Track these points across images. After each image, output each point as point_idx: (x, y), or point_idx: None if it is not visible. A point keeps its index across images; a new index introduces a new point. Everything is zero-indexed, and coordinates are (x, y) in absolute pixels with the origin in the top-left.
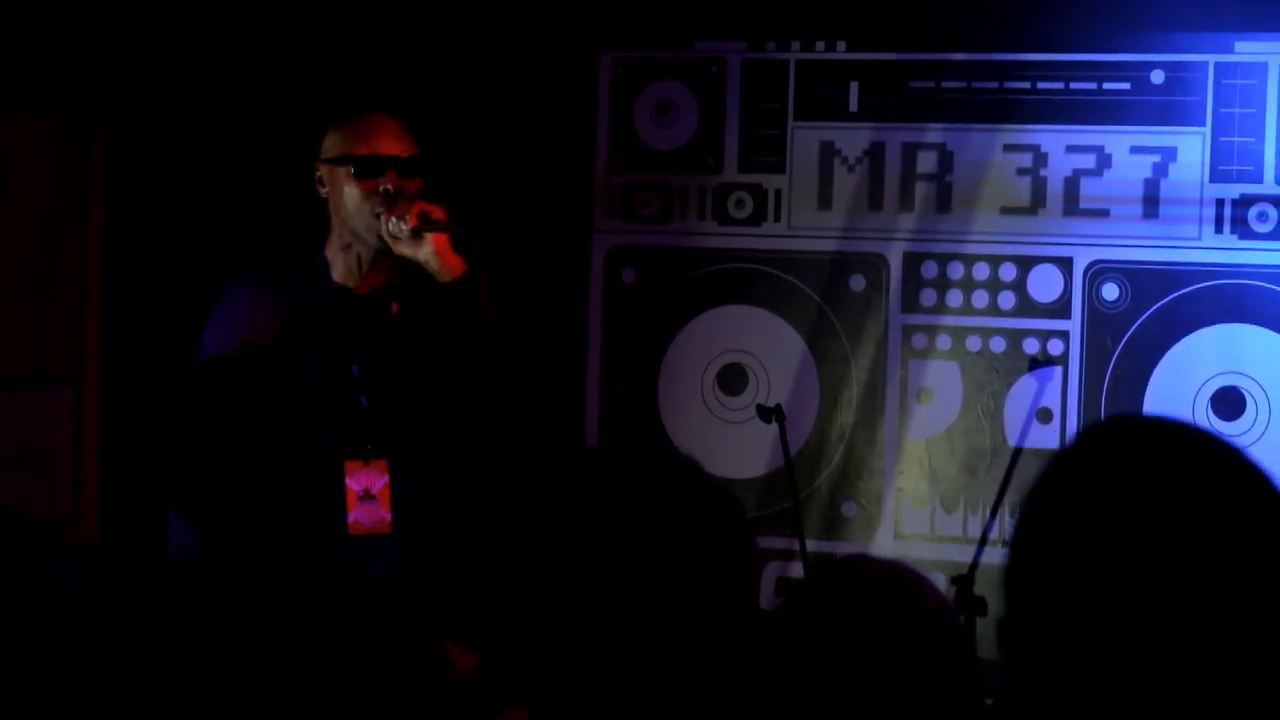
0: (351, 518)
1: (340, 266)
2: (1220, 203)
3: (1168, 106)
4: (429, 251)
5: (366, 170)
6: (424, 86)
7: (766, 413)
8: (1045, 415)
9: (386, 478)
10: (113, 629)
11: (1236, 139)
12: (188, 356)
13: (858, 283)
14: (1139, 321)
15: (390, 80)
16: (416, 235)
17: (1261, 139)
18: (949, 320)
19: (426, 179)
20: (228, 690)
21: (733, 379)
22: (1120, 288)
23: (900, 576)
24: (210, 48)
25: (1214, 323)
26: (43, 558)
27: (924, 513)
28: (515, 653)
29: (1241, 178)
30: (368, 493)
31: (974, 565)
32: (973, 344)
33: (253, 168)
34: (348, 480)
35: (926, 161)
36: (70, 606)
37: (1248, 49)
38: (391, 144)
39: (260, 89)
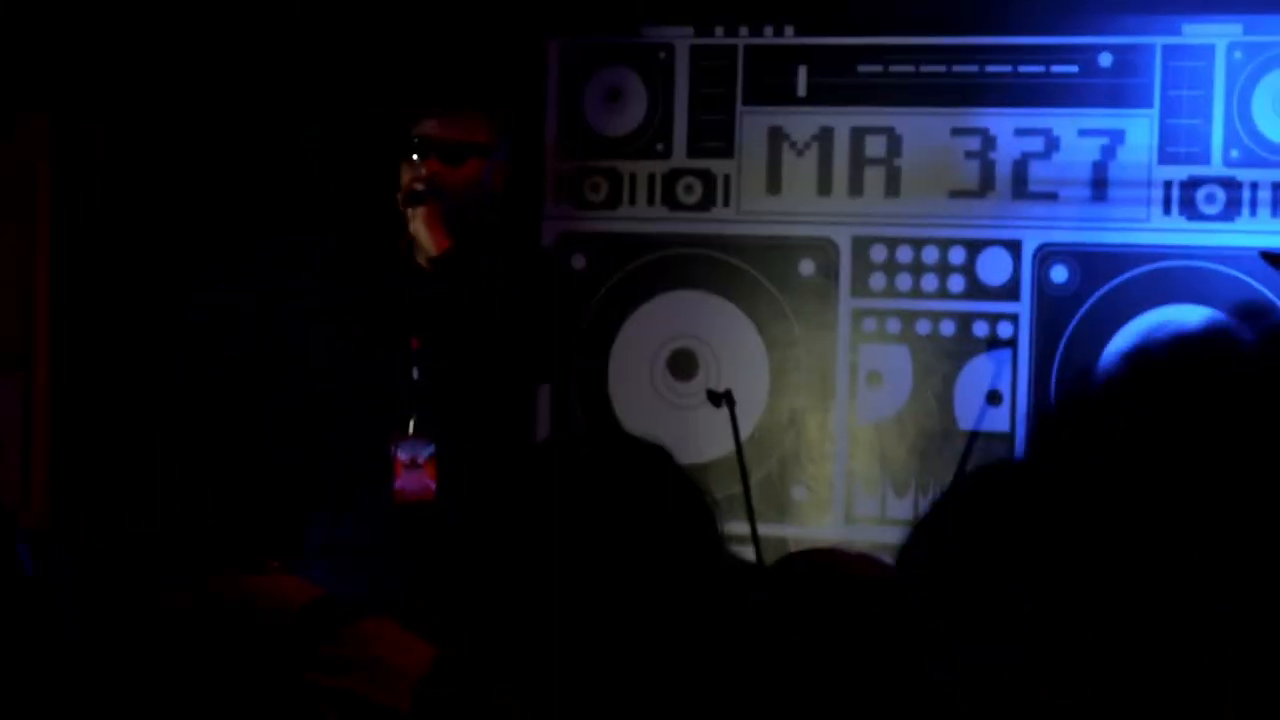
0: (397, 486)
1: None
2: (1168, 185)
3: (1116, 89)
4: (417, 225)
5: (405, 153)
6: (373, 74)
7: (716, 397)
8: (995, 398)
9: (433, 447)
10: (64, 613)
11: (1184, 121)
12: (189, 356)
13: (807, 267)
14: (1088, 303)
15: (340, 70)
16: (409, 205)
17: (1209, 121)
18: (898, 304)
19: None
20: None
21: (683, 364)
22: (1069, 270)
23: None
24: (154, 31)
25: (1163, 304)
26: (12, 536)
27: (875, 496)
28: (485, 644)
29: (1190, 160)
30: (414, 461)
31: None
32: (922, 327)
33: (208, 155)
34: (395, 450)
35: (875, 145)
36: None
37: (1195, 31)
38: (439, 129)
39: (212, 73)
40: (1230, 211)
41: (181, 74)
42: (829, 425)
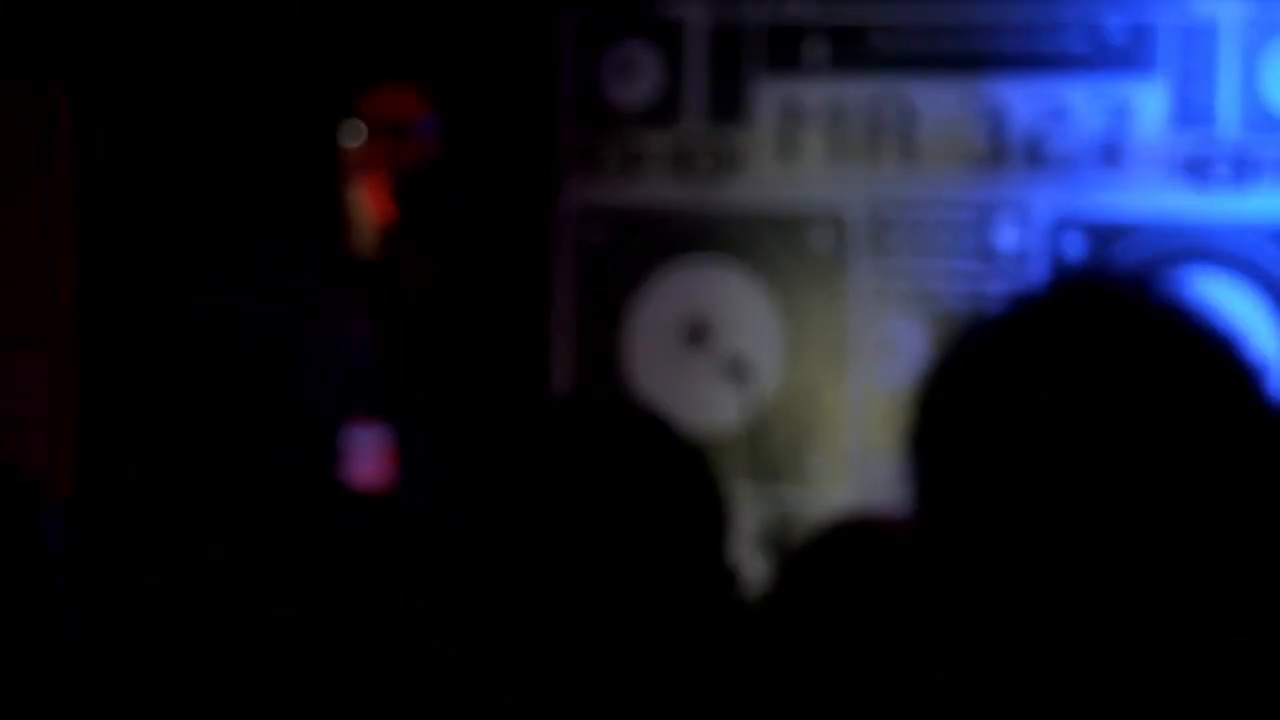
0: (354, 474)
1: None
2: (1180, 154)
3: (1127, 58)
4: (360, 199)
5: (348, 136)
6: (389, 47)
7: (731, 367)
8: None
9: (388, 434)
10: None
11: (1196, 90)
12: (189, 356)
13: (820, 237)
14: None
15: (355, 43)
16: (352, 179)
17: (1221, 90)
18: (911, 274)
19: (430, 141)
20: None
21: (697, 334)
22: (1082, 240)
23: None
24: (155, 27)
25: (1175, 269)
26: (33, 505)
27: (889, 464)
28: (485, 643)
29: (1200, 129)
30: (372, 448)
31: None
32: (935, 297)
33: (226, 135)
34: (350, 437)
35: (888, 115)
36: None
37: (1205, 0)
38: (381, 105)
39: (211, 70)
40: (1241, 181)
41: (181, 72)
42: (843, 395)
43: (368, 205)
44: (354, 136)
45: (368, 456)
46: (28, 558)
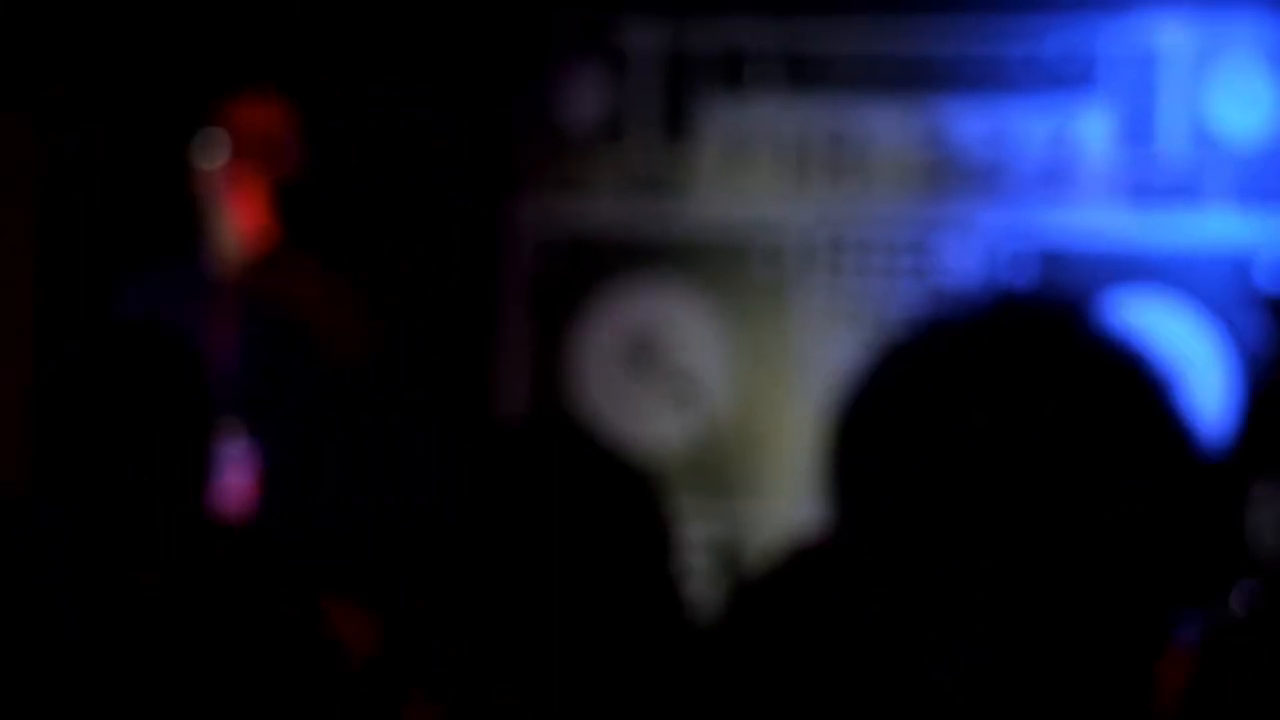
0: (221, 492)
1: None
2: (1121, 172)
3: (1068, 76)
4: (225, 208)
5: (212, 142)
6: (332, 65)
7: (676, 386)
8: None
9: (253, 452)
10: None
11: (1137, 109)
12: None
13: (765, 256)
14: None
15: (301, 58)
16: (212, 191)
17: (1162, 109)
18: (854, 294)
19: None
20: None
21: (645, 353)
22: (1026, 261)
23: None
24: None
25: (1118, 291)
26: (35, 503)
27: None
28: (415, 634)
29: (1142, 148)
30: (237, 467)
31: None
32: (880, 316)
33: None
34: (218, 454)
35: (834, 137)
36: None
37: (1150, 20)
38: (247, 118)
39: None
40: (1187, 202)
41: (162, 78)
42: (789, 414)
43: (238, 223)
44: (218, 153)
45: (233, 473)
46: (28, 557)
